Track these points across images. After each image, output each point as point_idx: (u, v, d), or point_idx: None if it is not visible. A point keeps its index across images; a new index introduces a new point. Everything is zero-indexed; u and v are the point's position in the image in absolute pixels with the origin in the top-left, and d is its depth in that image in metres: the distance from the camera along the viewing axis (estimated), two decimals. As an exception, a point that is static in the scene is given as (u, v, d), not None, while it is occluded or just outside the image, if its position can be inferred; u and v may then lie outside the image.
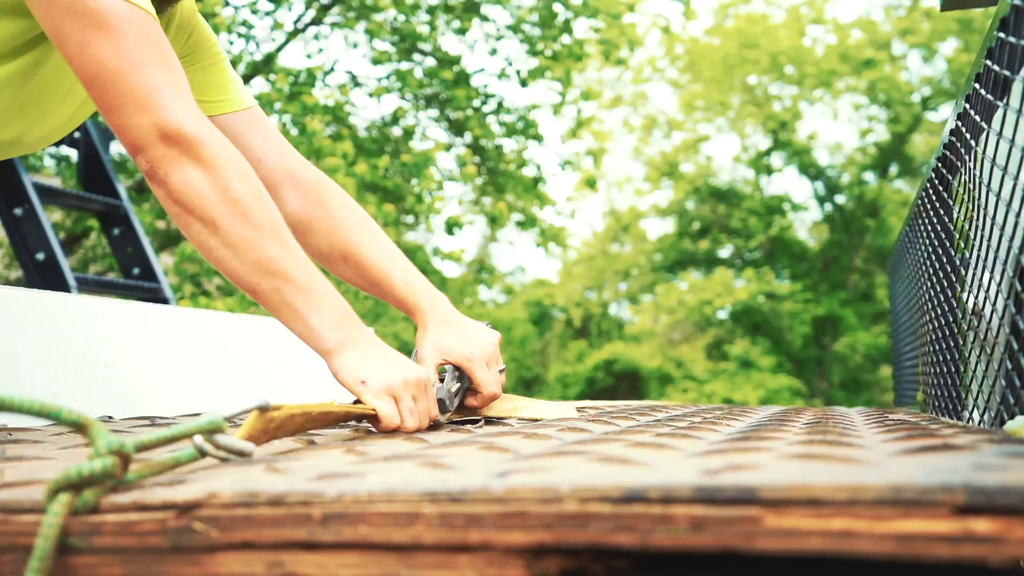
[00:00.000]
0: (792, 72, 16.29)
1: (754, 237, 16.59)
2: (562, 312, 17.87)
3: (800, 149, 16.82)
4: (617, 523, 0.46)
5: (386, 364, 1.05)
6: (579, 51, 6.81)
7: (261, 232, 1.01)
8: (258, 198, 1.02)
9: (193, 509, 0.53)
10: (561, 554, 0.48)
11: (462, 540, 0.48)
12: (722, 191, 17.04)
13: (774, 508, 0.44)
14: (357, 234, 1.27)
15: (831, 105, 17.06)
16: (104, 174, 2.89)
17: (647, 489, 0.47)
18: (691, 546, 0.45)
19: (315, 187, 1.29)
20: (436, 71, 6.55)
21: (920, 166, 16.49)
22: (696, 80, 16.99)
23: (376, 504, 0.50)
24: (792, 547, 0.43)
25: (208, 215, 1.00)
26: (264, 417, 0.78)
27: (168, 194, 1.01)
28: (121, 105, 0.99)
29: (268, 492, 0.53)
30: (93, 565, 0.54)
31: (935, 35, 15.57)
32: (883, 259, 16.23)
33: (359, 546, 0.50)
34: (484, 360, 1.21)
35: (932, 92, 16.18)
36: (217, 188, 1.00)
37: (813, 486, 0.44)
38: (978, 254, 1.33)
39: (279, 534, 0.51)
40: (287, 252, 1.03)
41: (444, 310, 1.25)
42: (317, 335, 1.03)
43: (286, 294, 1.02)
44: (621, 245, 18.67)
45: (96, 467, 0.56)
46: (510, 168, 7.19)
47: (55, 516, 0.54)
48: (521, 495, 0.49)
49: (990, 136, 1.05)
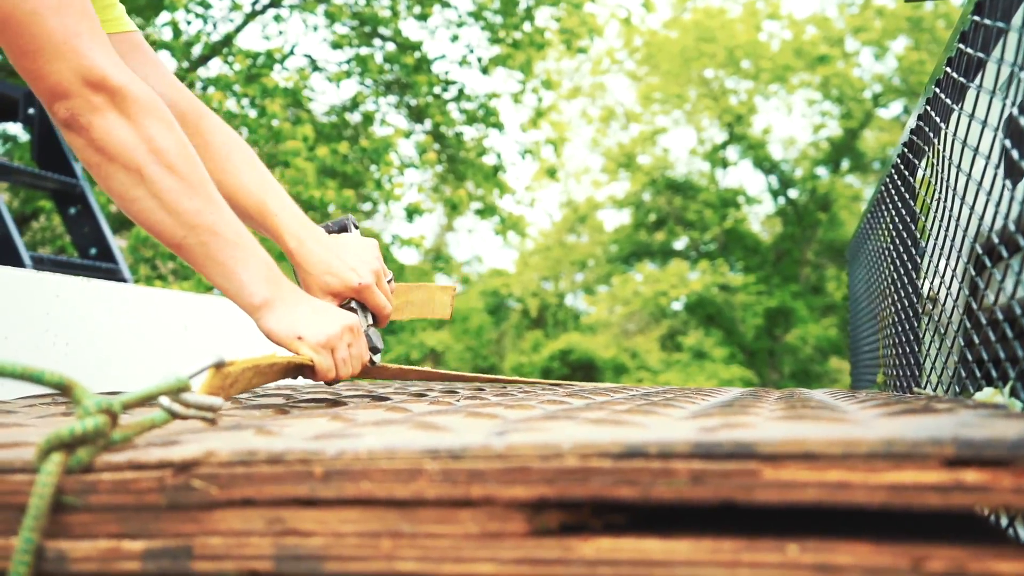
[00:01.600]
0: (748, 67, 16.48)
1: (709, 229, 16.78)
2: (518, 302, 17.92)
3: (755, 143, 17.03)
4: (618, 477, 0.47)
5: (317, 316, 1.05)
6: (540, 39, 6.82)
7: (188, 184, 0.99)
8: (184, 150, 1.00)
9: (191, 467, 0.53)
10: (561, 509, 0.49)
11: (464, 495, 0.49)
12: (678, 183, 17.20)
13: (771, 462, 0.46)
14: (231, 163, 1.22)
15: (785, 100, 17.29)
16: (59, 152, 2.83)
17: (647, 445, 0.48)
18: (691, 499, 0.46)
19: (193, 115, 1.23)
20: (397, 56, 6.51)
21: (871, 162, 16.79)
22: (654, 72, 17.10)
23: (378, 461, 0.51)
24: (789, 498, 0.45)
25: (134, 164, 0.98)
26: (220, 373, 0.78)
27: (90, 143, 0.98)
28: (38, 50, 0.95)
29: (267, 450, 0.53)
30: (89, 523, 0.54)
31: (887, 33, 15.86)
32: (834, 253, 16.51)
33: (361, 502, 0.51)
34: (373, 282, 1.17)
35: (883, 89, 16.48)
36: (143, 137, 0.98)
37: (808, 441, 0.46)
38: (935, 241, 1.37)
39: (280, 491, 0.52)
40: (213, 206, 1.01)
41: (320, 242, 1.18)
42: (246, 291, 1.02)
43: (212, 248, 1.00)
44: (578, 236, 18.75)
45: (88, 425, 0.56)
46: (470, 156, 7.19)
47: (49, 475, 0.54)
48: (522, 451, 0.49)
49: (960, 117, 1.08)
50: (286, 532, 0.51)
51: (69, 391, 0.59)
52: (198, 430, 0.67)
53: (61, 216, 2.88)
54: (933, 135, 1.26)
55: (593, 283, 18.23)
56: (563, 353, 15.86)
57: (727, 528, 0.49)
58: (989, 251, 1.08)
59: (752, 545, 0.45)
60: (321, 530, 0.51)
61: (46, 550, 0.53)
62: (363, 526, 0.50)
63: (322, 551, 0.50)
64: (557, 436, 0.51)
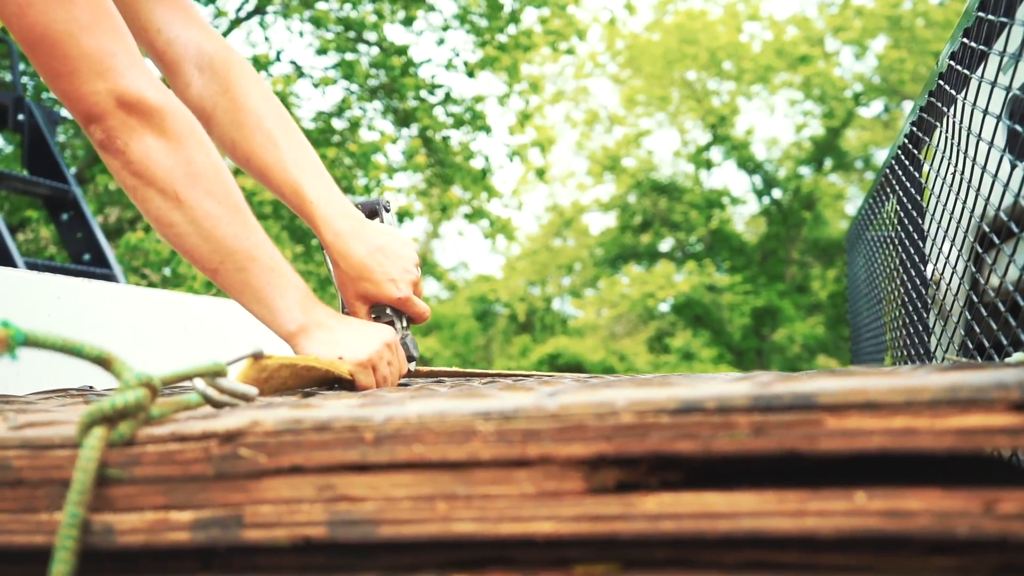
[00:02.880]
0: (730, 68, 16.56)
1: (695, 230, 16.83)
2: (506, 307, 17.91)
3: (738, 144, 17.11)
4: (678, 431, 0.47)
5: (355, 337, 1.03)
6: (527, 41, 6.83)
7: (226, 209, 0.97)
8: (220, 173, 0.98)
9: (236, 437, 0.53)
10: (618, 467, 0.48)
11: (520, 455, 0.49)
12: (663, 185, 17.25)
13: (833, 412, 0.45)
14: (264, 133, 1.14)
15: (767, 101, 17.38)
16: (51, 157, 2.81)
17: (704, 400, 0.47)
18: (753, 451, 0.46)
19: (223, 67, 1.16)
20: (383, 60, 6.51)
21: (853, 160, 16.90)
22: (637, 75, 17.16)
23: (428, 424, 0.50)
24: (854, 447, 0.44)
25: (171, 189, 0.95)
26: (257, 364, 0.77)
27: (126, 165, 0.96)
28: (73, 71, 0.92)
29: (313, 419, 0.53)
30: (134, 496, 0.53)
31: (866, 32, 15.97)
32: (819, 251, 16.59)
33: (413, 466, 0.50)
34: (411, 290, 1.14)
35: (864, 88, 16.59)
36: (181, 161, 0.95)
37: (869, 390, 0.46)
38: (940, 223, 1.37)
39: (329, 457, 0.51)
40: (250, 231, 0.99)
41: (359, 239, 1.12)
42: (281, 318, 1.00)
43: (248, 275, 0.98)
44: (564, 240, 18.77)
45: (129, 399, 0.55)
46: (457, 160, 7.18)
47: (92, 449, 0.53)
48: (576, 411, 0.49)
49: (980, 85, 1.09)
50: (337, 498, 0.50)
51: (108, 364, 0.58)
52: (234, 409, 0.66)
53: (54, 222, 2.85)
54: (947, 108, 1.26)
55: (580, 287, 18.25)
56: (551, 357, 15.86)
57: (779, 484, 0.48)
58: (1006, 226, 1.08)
59: (818, 494, 0.44)
60: (373, 495, 0.50)
61: (92, 524, 0.52)
62: (416, 490, 0.50)
63: (376, 515, 0.49)
64: (610, 396, 0.51)
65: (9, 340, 0.53)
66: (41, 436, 0.56)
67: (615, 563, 0.49)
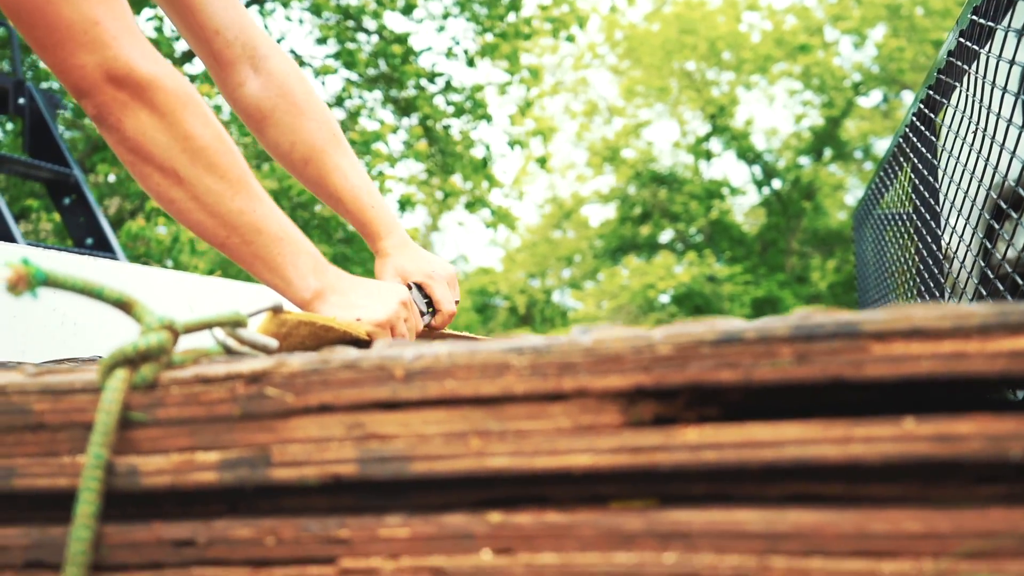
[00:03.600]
0: (729, 58, 16.53)
1: (695, 221, 16.83)
2: (506, 300, 17.92)
3: (738, 134, 17.09)
4: (718, 360, 0.46)
5: (372, 297, 1.03)
6: (527, 29, 6.80)
7: (228, 183, 0.94)
8: (222, 145, 0.95)
9: (262, 378, 0.51)
10: (656, 400, 0.47)
11: (555, 388, 0.47)
12: (663, 176, 17.24)
13: (878, 339, 0.44)
14: (324, 138, 1.16)
15: (767, 91, 17.36)
16: (52, 141, 2.79)
17: (744, 331, 0.46)
18: (796, 379, 0.45)
19: (279, 72, 1.17)
20: (383, 48, 6.48)
21: (853, 150, 16.88)
22: (636, 66, 17.13)
23: (460, 360, 0.49)
24: (902, 372, 0.43)
25: (169, 166, 0.92)
26: (277, 319, 0.76)
27: (121, 141, 0.92)
28: (57, 43, 0.87)
29: (341, 358, 0.51)
30: (158, 438, 0.52)
31: (865, 21, 15.95)
32: (819, 241, 16.58)
33: (445, 402, 0.49)
34: (444, 280, 1.19)
35: (863, 78, 16.57)
36: (178, 136, 0.91)
37: (915, 317, 0.44)
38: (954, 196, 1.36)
39: (359, 394, 0.50)
40: (256, 202, 0.96)
41: (404, 236, 1.21)
42: (295, 286, 0.98)
43: (258, 247, 0.96)
44: (563, 232, 18.76)
45: (152, 341, 0.54)
46: (458, 149, 7.16)
47: (115, 391, 0.52)
48: (612, 344, 0.48)
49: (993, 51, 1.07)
50: (367, 437, 0.49)
51: (129, 308, 0.57)
52: (255, 357, 0.65)
53: (56, 207, 2.84)
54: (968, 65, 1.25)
55: (580, 279, 18.25)
56: (552, 348, 15.82)
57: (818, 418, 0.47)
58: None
59: (865, 421, 0.43)
60: (404, 433, 0.49)
61: (116, 466, 0.51)
62: (448, 427, 0.49)
63: (407, 452, 0.48)
64: (646, 332, 0.50)
65: (30, 278, 0.52)
66: (62, 381, 0.55)
67: (652, 498, 0.48)
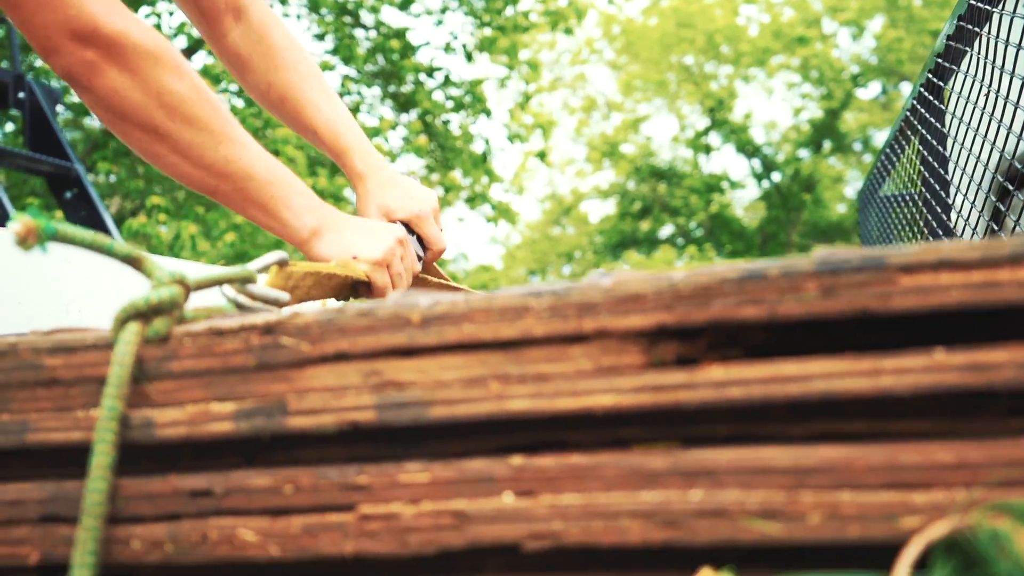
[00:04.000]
0: (727, 51, 16.51)
1: (695, 215, 16.82)
2: (506, 296, 17.89)
3: (737, 128, 17.08)
4: (742, 297, 0.45)
5: (368, 234, 1.03)
6: (525, 22, 6.79)
7: (210, 133, 0.93)
8: (199, 95, 0.93)
9: (276, 329, 0.51)
10: (678, 341, 0.47)
11: (576, 329, 0.47)
12: (662, 171, 17.23)
13: (906, 271, 0.43)
14: (298, 75, 1.16)
15: (765, 84, 17.35)
16: (52, 135, 2.78)
17: (767, 268, 0.46)
18: (821, 314, 0.44)
19: (258, 19, 1.18)
20: (382, 43, 6.47)
21: (852, 142, 16.87)
22: (634, 61, 17.12)
23: (477, 304, 0.48)
24: (930, 303, 0.43)
25: (148, 123, 0.90)
26: (284, 272, 0.76)
27: (96, 101, 0.90)
28: (20, 2, 0.84)
29: (355, 308, 0.51)
30: (172, 391, 0.51)
31: (863, 12, 15.92)
32: (820, 234, 16.57)
33: (463, 347, 0.48)
34: (431, 216, 1.17)
35: (862, 69, 16.55)
36: (152, 92, 0.89)
37: (942, 250, 0.44)
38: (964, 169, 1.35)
39: (375, 341, 0.49)
40: (241, 149, 0.95)
41: (385, 169, 1.18)
42: (291, 227, 0.98)
43: (250, 192, 0.96)
44: (563, 228, 18.76)
45: (164, 295, 0.53)
46: (458, 144, 7.15)
47: (127, 344, 0.51)
48: (632, 285, 0.47)
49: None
50: (384, 384, 0.49)
51: (139, 263, 0.56)
52: (267, 311, 0.65)
53: (57, 200, 2.83)
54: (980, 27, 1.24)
55: (581, 275, 18.24)
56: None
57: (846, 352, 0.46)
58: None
59: (894, 353, 0.43)
60: (422, 380, 0.48)
61: (131, 418, 0.51)
62: (467, 372, 0.48)
63: (426, 397, 0.48)
64: (667, 272, 0.49)
65: (39, 231, 0.52)
66: (74, 338, 0.54)
67: (675, 441, 0.47)
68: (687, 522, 0.43)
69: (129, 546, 0.49)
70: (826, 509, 0.41)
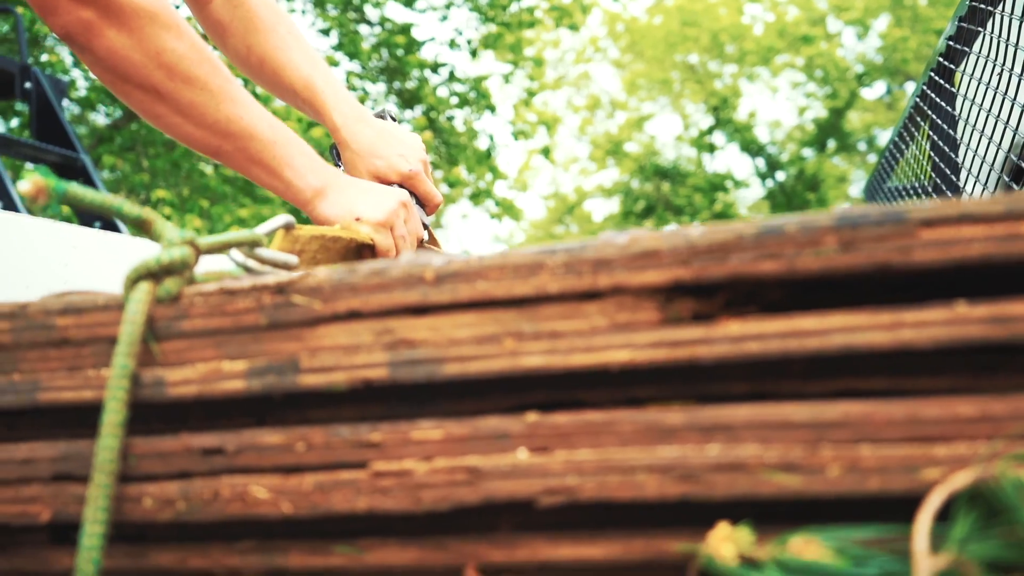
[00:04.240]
0: (732, 50, 16.49)
1: (699, 215, 16.78)
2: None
3: (741, 127, 17.05)
4: (759, 252, 0.45)
5: (371, 195, 1.01)
6: (530, 18, 6.78)
7: (210, 93, 0.92)
8: (199, 55, 0.92)
9: (288, 288, 0.50)
10: (695, 298, 0.46)
11: (591, 286, 0.46)
12: (666, 170, 17.21)
13: (927, 225, 0.43)
14: (277, 37, 1.15)
15: (770, 83, 17.32)
16: (59, 125, 2.78)
17: (785, 224, 0.45)
18: (840, 268, 0.44)
19: None
20: (387, 38, 6.46)
21: (856, 142, 16.83)
22: (638, 59, 17.10)
23: (491, 262, 0.48)
24: (952, 256, 0.42)
25: (148, 83, 0.90)
26: (291, 236, 0.75)
27: (95, 62, 0.90)
28: None
29: (368, 266, 0.50)
30: (183, 350, 0.51)
31: (868, 11, 15.88)
32: (824, 233, 16.49)
33: (476, 304, 0.48)
34: (422, 171, 1.15)
35: (866, 68, 16.51)
36: (151, 52, 0.89)
37: (964, 204, 0.43)
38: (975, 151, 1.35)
39: (388, 299, 0.49)
40: (243, 108, 0.94)
41: (367, 123, 1.15)
42: (294, 187, 0.98)
43: (253, 152, 0.95)
44: (567, 227, 18.73)
45: (175, 255, 0.53)
46: (462, 140, 7.14)
47: (139, 303, 0.51)
48: (648, 241, 0.47)
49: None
50: (397, 343, 0.48)
51: (148, 225, 0.55)
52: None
53: (63, 191, 2.82)
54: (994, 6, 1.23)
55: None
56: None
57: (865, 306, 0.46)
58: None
59: (915, 307, 0.42)
60: (435, 338, 0.48)
61: (142, 377, 0.50)
62: (480, 329, 0.47)
63: (439, 354, 0.47)
64: (682, 230, 0.49)
65: (49, 191, 0.51)
66: (85, 299, 0.54)
67: (691, 400, 0.47)
68: (704, 476, 0.42)
69: (141, 504, 0.48)
70: (846, 462, 0.41)
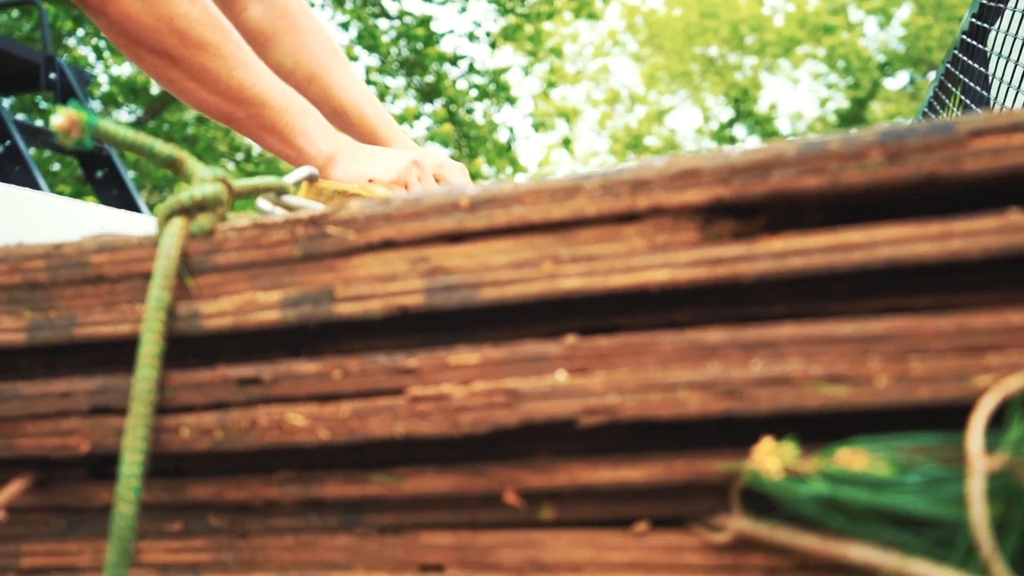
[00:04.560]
0: (752, 41, 16.39)
1: (720, 207, 16.70)
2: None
3: (762, 119, 16.95)
4: (802, 167, 0.44)
5: (383, 157, 1.02)
6: (549, 8, 6.76)
7: (223, 59, 0.93)
8: (212, 20, 0.93)
9: (322, 220, 0.50)
10: (735, 218, 0.45)
11: (629, 207, 0.46)
12: (687, 162, 17.12)
13: (976, 135, 0.42)
14: (326, 55, 1.17)
15: (791, 74, 17.20)
16: (84, 116, 2.79)
17: (828, 140, 0.44)
18: (887, 181, 0.43)
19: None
20: (406, 31, 6.47)
21: (880, 132, 16.66)
22: (657, 52, 17.04)
23: (527, 187, 0.47)
24: (1004, 163, 0.41)
25: (160, 48, 0.91)
26: (315, 188, 0.75)
27: (109, 26, 0.92)
28: None
29: (402, 196, 0.50)
30: (217, 283, 0.51)
31: (890, 0, 15.73)
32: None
33: (513, 230, 0.47)
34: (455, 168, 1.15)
35: (889, 58, 16.35)
36: (163, 17, 0.90)
37: (1016, 113, 0.42)
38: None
39: (423, 227, 0.48)
40: (255, 76, 0.95)
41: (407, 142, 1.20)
42: (306, 154, 0.98)
43: (264, 119, 0.96)
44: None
45: (208, 191, 0.52)
46: (482, 133, 7.14)
47: (173, 237, 0.51)
48: (688, 161, 0.46)
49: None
50: (433, 270, 0.48)
51: (180, 164, 0.55)
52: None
53: (88, 179, 2.86)
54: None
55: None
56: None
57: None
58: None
59: (964, 217, 0.41)
60: (471, 264, 0.47)
61: (177, 310, 0.50)
62: (516, 255, 0.47)
63: (475, 280, 0.47)
64: (721, 151, 0.48)
65: (82, 124, 0.51)
66: (119, 237, 0.54)
67: (732, 321, 0.46)
68: (748, 391, 0.41)
69: (178, 434, 0.48)
70: (894, 372, 0.40)
